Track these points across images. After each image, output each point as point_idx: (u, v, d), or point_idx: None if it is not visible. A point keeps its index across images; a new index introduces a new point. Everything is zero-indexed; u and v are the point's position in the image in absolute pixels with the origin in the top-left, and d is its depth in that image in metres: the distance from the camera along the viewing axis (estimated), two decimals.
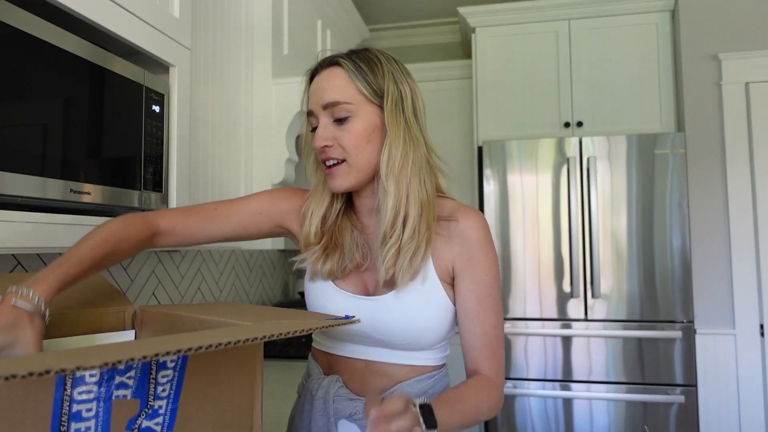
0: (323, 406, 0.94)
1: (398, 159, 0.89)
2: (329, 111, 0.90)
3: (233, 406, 0.68)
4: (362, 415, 0.91)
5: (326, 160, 0.91)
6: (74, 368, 0.38)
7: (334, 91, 0.90)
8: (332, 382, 0.95)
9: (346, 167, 0.90)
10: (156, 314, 0.83)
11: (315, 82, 0.94)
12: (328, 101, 0.90)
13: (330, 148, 0.90)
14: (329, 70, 0.93)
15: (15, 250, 0.92)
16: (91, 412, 0.54)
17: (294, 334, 0.60)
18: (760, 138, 2.43)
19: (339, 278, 0.96)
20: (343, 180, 0.90)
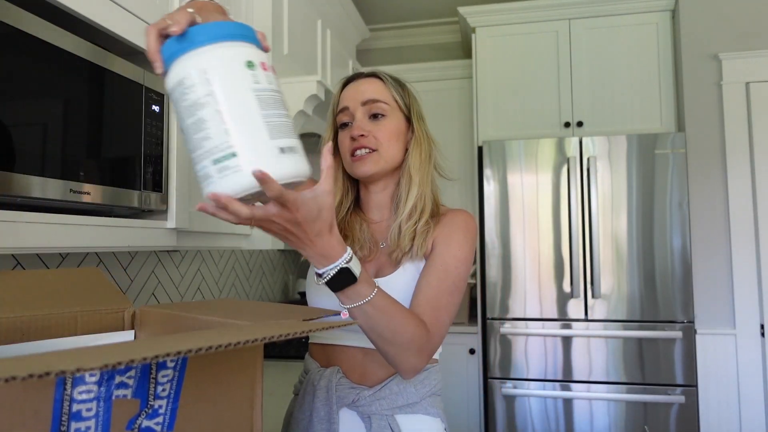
0: (326, 396, 0.97)
1: (423, 158, 1.04)
2: (367, 107, 1.03)
3: (233, 406, 0.69)
4: (364, 402, 0.97)
5: (358, 149, 1.01)
6: (74, 370, 0.38)
7: (374, 92, 1.04)
8: (333, 373, 0.99)
9: (376, 156, 1.01)
10: (155, 314, 0.83)
11: (352, 86, 1.06)
12: (369, 98, 1.03)
13: (365, 138, 1.00)
14: (368, 79, 1.07)
15: (15, 250, 0.92)
16: (91, 412, 0.54)
17: (295, 335, 0.60)
18: (760, 138, 2.43)
19: None
20: (372, 166, 1.01)
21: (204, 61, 0.63)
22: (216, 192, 0.63)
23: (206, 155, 0.63)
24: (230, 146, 0.62)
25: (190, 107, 0.64)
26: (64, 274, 0.85)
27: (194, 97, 0.63)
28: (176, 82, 0.65)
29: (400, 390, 0.98)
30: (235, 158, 0.62)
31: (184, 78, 0.64)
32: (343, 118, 1.04)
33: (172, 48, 0.65)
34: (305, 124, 2.03)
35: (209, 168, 0.63)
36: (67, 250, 1.02)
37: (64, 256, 1.42)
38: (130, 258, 1.69)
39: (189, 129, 0.65)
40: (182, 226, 1.35)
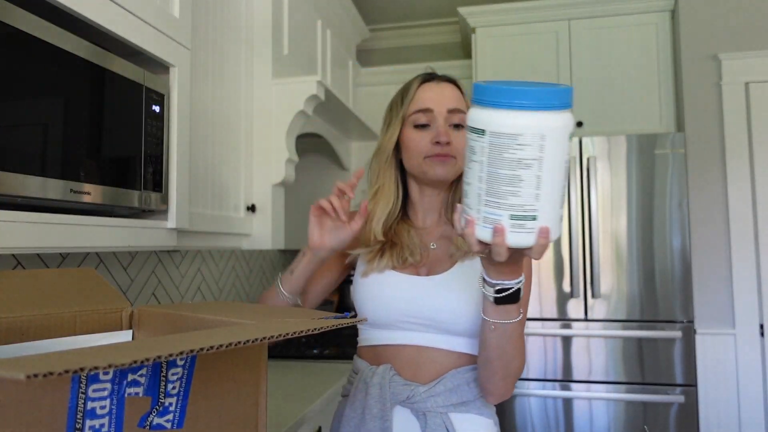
0: (379, 393, 0.97)
1: None
2: (450, 115, 1.03)
3: (239, 403, 0.69)
4: (418, 398, 0.96)
5: (444, 155, 1.01)
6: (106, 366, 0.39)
7: (458, 101, 1.05)
8: (386, 370, 0.99)
9: (453, 163, 1.03)
10: (154, 314, 0.83)
11: (434, 88, 1.06)
12: (454, 107, 1.04)
13: (450, 146, 1.02)
14: (448, 84, 1.07)
15: (15, 250, 0.92)
16: (105, 410, 0.55)
17: (305, 332, 0.61)
18: (760, 138, 2.43)
19: (395, 268, 1.03)
20: (449, 171, 1.02)
21: (545, 128, 0.65)
22: (510, 243, 0.68)
23: (506, 207, 0.67)
24: (534, 210, 0.67)
25: (512, 162, 0.66)
26: (61, 274, 0.85)
27: (522, 156, 0.66)
28: (508, 134, 0.66)
29: (454, 387, 0.97)
30: (534, 222, 0.67)
31: (519, 135, 0.65)
32: (422, 118, 1.04)
33: (518, 97, 0.65)
34: (305, 124, 2.04)
35: (503, 219, 0.68)
36: (67, 250, 1.02)
37: (64, 256, 1.42)
38: (130, 258, 1.69)
39: (498, 177, 0.67)
40: (182, 226, 1.35)
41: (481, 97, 0.68)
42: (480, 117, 0.67)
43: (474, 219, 0.70)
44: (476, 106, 0.69)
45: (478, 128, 0.67)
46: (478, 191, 0.69)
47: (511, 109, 0.65)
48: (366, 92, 3.08)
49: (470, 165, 0.70)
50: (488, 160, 0.67)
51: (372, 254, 1.04)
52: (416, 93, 1.06)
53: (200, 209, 1.54)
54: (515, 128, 0.65)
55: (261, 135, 1.87)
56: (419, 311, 0.99)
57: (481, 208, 0.69)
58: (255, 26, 1.88)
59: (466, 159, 0.71)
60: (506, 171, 0.66)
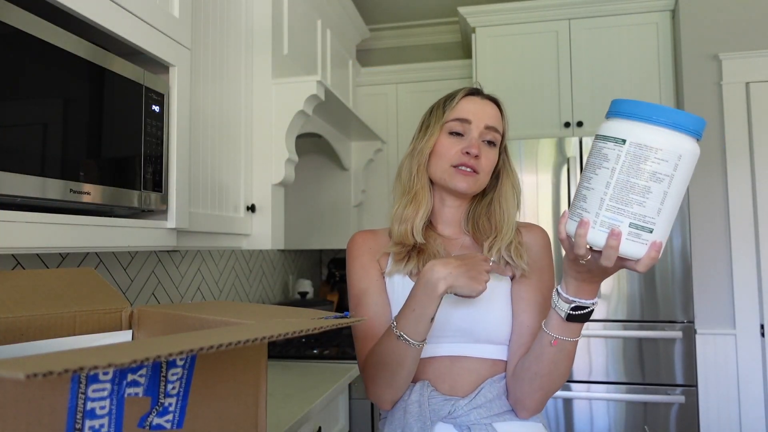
0: (418, 410, 0.96)
1: (515, 192, 1.10)
2: (486, 131, 1.05)
3: (239, 403, 0.69)
4: (460, 412, 0.95)
5: (469, 167, 1.03)
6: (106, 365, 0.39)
7: (496, 119, 1.07)
8: (424, 386, 0.98)
9: (476, 178, 1.04)
10: (154, 314, 0.83)
11: (478, 101, 1.08)
12: (492, 125, 1.06)
13: (478, 160, 1.03)
14: (492, 103, 1.10)
15: (15, 250, 0.92)
16: (104, 410, 0.55)
17: (305, 332, 0.61)
18: (760, 138, 2.43)
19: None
20: (471, 185, 1.04)
21: (684, 149, 0.70)
22: (622, 250, 0.71)
23: (628, 215, 0.71)
24: (653, 223, 0.71)
25: (646, 173, 0.70)
26: (60, 274, 0.85)
27: (657, 169, 0.70)
28: (649, 146, 0.70)
29: (494, 396, 0.97)
30: (650, 234, 0.71)
31: (660, 150, 0.70)
32: (458, 127, 1.06)
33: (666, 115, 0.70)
34: (305, 124, 2.04)
35: (622, 224, 0.71)
36: (67, 250, 1.02)
37: (64, 256, 1.42)
38: (130, 258, 1.69)
39: (628, 184, 0.71)
40: (182, 226, 1.35)
41: (624, 109, 0.72)
42: (621, 127, 0.72)
43: (589, 221, 0.72)
44: (616, 118, 0.73)
45: (617, 137, 0.71)
46: (601, 195, 0.72)
47: (657, 125, 0.70)
48: (366, 92, 3.08)
49: (597, 171, 0.73)
50: (621, 167, 0.71)
51: (401, 255, 1.04)
52: (459, 103, 1.08)
53: (200, 209, 1.54)
54: (657, 143, 0.70)
55: (261, 135, 1.87)
56: (451, 323, 0.98)
57: (601, 212, 0.72)
58: (255, 26, 1.88)
59: (591, 165, 0.74)
60: (638, 181, 0.70)
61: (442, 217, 1.10)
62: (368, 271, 1.06)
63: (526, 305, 1.01)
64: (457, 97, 1.08)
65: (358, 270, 1.07)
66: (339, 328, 0.65)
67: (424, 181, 1.08)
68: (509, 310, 1.01)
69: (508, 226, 1.05)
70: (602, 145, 0.73)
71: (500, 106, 1.11)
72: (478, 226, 1.08)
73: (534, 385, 0.93)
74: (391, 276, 1.05)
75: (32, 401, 0.50)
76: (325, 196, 2.82)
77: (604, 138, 0.73)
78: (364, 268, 1.07)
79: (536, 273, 1.04)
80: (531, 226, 1.11)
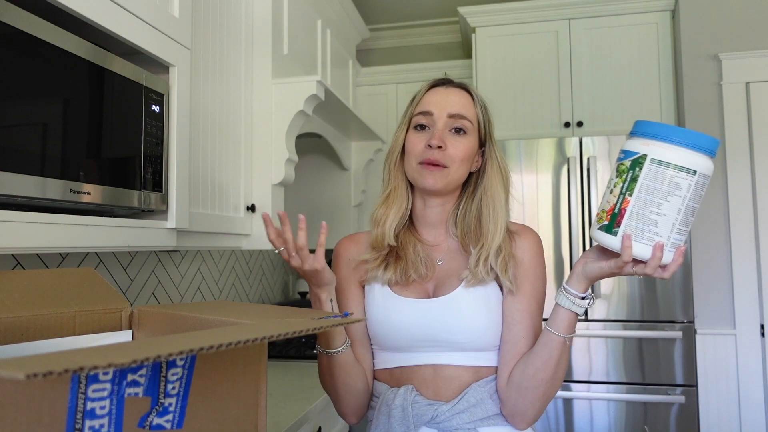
0: (402, 415, 0.95)
1: (504, 187, 1.03)
2: (452, 120, 1.00)
3: (239, 403, 0.69)
4: (443, 417, 0.94)
5: (432, 161, 0.98)
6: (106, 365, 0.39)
7: (462, 106, 1.02)
8: (408, 391, 0.97)
9: (445, 172, 0.99)
10: (154, 314, 0.83)
11: (441, 92, 1.04)
12: (456, 112, 1.01)
13: (442, 151, 0.98)
14: (458, 90, 1.05)
15: (15, 250, 0.92)
16: (104, 410, 0.55)
17: (305, 332, 0.61)
18: (760, 138, 2.43)
19: (398, 285, 1.00)
20: (438, 181, 0.99)
21: (699, 165, 0.80)
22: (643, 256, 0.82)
23: (686, 234, 0.83)
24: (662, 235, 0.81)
25: (701, 198, 0.82)
26: (60, 274, 0.85)
27: (704, 193, 0.82)
28: (707, 175, 0.81)
29: (477, 402, 0.95)
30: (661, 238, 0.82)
31: (710, 176, 0.82)
32: (422, 120, 1.02)
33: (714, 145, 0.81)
34: (305, 124, 2.04)
35: (682, 243, 0.83)
36: (67, 250, 1.02)
37: (64, 256, 1.42)
38: (130, 258, 1.69)
39: (691, 210, 0.81)
40: (182, 226, 1.35)
41: (688, 142, 0.80)
42: (694, 160, 0.80)
43: (664, 244, 0.81)
44: (684, 148, 0.80)
45: (690, 168, 0.79)
46: (673, 221, 0.81)
47: (710, 156, 0.81)
48: (366, 92, 3.08)
49: (668, 198, 0.80)
50: (690, 195, 0.80)
51: (378, 261, 1.01)
52: (423, 96, 1.04)
53: (200, 209, 1.54)
54: (710, 171, 0.81)
55: (261, 135, 1.87)
56: (434, 334, 0.97)
57: (672, 235, 0.81)
58: (255, 26, 1.88)
59: (658, 191, 0.80)
60: (696, 205, 0.82)
61: (424, 219, 1.05)
62: (345, 288, 1.05)
63: (520, 316, 0.98)
64: (421, 90, 1.05)
65: (340, 284, 1.05)
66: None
67: (398, 180, 1.04)
68: (494, 318, 0.98)
69: (497, 228, 0.99)
70: (673, 173, 0.79)
71: (471, 92, 1.05)
72: (466, 228, 1.03)
73: (538, 392, 0.93)
74: (370, 284, 1.03)
75: (32, 401, 0.50)
76: (325, 196, 2.81)
77: (676, 167, 0.79)
78: (341, 285, 1.05)
79: (530, 281, 1.00)
80: (524, 230, 1.04)
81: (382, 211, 1.03)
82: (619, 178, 0.84)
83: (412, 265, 1.00)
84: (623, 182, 0.82)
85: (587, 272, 0.88)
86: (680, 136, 0.79)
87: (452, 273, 1.01)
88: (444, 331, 0.96)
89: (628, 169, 0.82)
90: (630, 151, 0.83)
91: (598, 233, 0.86)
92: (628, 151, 0.83)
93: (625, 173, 0.82)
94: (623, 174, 0.83)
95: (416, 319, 0.97)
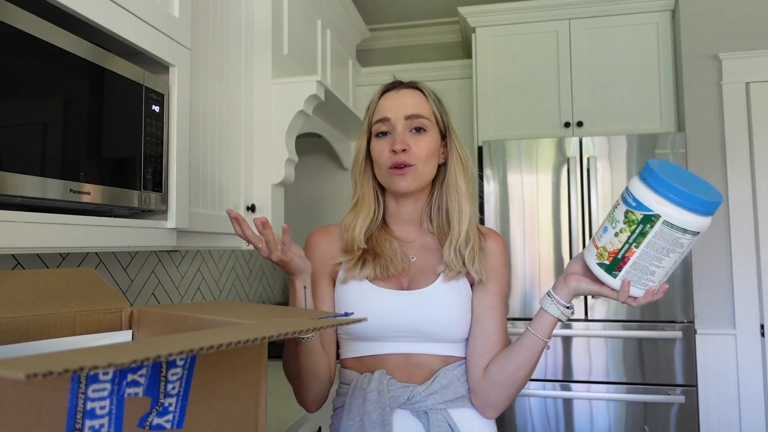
0: (377, 398, 0.97)
1: (469, 178, 1.07)
2: (409, 121, 1.03)
3: (239, 404, 0.69)
4: (419, 398, 0.98)
5: (399, 164, 1.01)
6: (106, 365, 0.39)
7: (417, 106, 1.05)
8: (382, 374, 1.00)
9: (414, 171, 1.02)
10: (154, 314, 0.83)
11: (393, 96, 1.06)
12: (412, 113, 1.03)
13: (407, 153, 1.01)
14: (409, 90, 1.07)
15: (15, 250, 0.92)
16: (104, 410, 0.55)
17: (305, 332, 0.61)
18: (760, 138, 2.43)
19: (377, 279, 1.03)
20: (410, 182, 1.02)
21: (704, 227, 0.83)
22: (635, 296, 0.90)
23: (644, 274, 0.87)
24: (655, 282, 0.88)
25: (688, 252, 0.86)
26: (60, 274, 0.85)
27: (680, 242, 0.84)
28: (702, 234, 0.84)
29: (448, 383, 0.99)
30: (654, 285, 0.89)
31: (702, 234, 0.84)
32: (382, 127, 1.05)
33: (714, 207, 0.82)
34: (305, 124, 2.03)
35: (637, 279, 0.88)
36: (67, 250, 1.02)
37: (64, 256, 1.42)
38: (130, 258, 1.69)
39: (681, 261, 0.87)
40: (182, 226, 1.35)
41: (700, 206, 0.81)
42: (701, 224, 0.83)
43: (655, 289, 0.89)
44: (700, 215, 0.82)
45: (696, 231, 0.83)
46: (668, 271, 0.87)
47: (708, 216, 0.83)
48: (366, 92, 3.08)
49: (669, 254, 0.85)
50: (688, 250, 0.86)
51: (353, 262, 1.04)
52: (378, 103, 1.07)
53: (200, 209, 1.54)
54: (705, 229, 0.84)
55: (261, 135, 1.87)
56: (407, 325, 1.00)
57: (663, 280, 0.89)
58: (255, 26, 1.88)
59: (661, 248, 0.84)
60: (683, 257, 0.87)
61: (398, 217, 1.09)
62: (318, 278, 1.07)
63: (491, 313, 1.03)
64: (374, 98, 1.08)
65: None
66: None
67: (365, 188, 1.08)
68: (464, 310, 1.02)
69: (462, 216, 1.03)
70: (679, 235, 0.83)
71: (421, 89, 1.08)
72: (439, 223, 1.07)
73: (513, 388, 0.99)
74: (345, 283, 1.05)
75: (32, 401, 0.50)
76: (325, 196, 2.82)
77: (684, 231, 0.83)
78: (312, 276, 1.07)
79: (498, 280, 1.05)
80: (490, 233, 1.09)
81: (351, 218, 1.08)
82: (627, 225, 0.85)
83: (390, 261, 1.04)
84: (631, 232, 0.85)
85: (578, 289, 0.94)
86: (696, 204, 0.81)
87: (426, 269, 1.05)
88: (419, 323, 1.00)
89: (639, 222, 0.84)
90: (643, 204, 0.83)
91: (598, 269, 0.90)
92: (641, 204, 0.84)
93: (634, 225, 0.84)
94: (632, 225, 0.84)
95: (392, 309, 1.00)
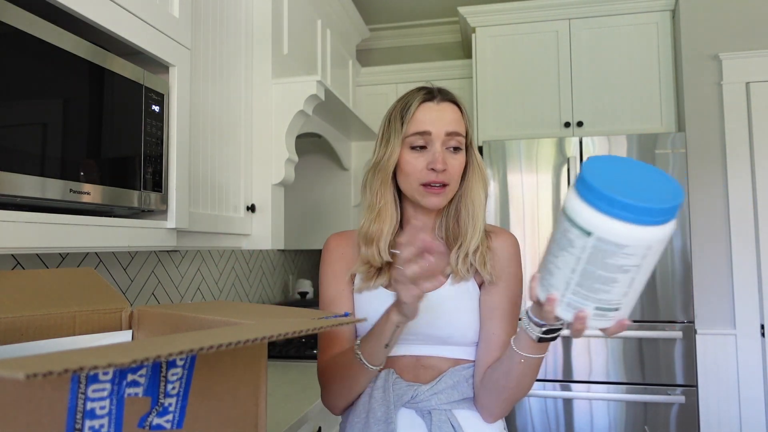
0: (382, 395, 0.98)
1: (484, 193, 1.05)
2: (448, 138, 1.00)
3: (238, 403, 0.69)
4: (423, 397, 0.98)
5: (437, 183, 0.99)
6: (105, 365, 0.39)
7: (456, 123, 1.02)
8: (389, 374, 1.00)
9: (448, 190, 1.01)
10: (154, 314, 0.83)
11: (434, 108, 1.02)
12: (453, 130, 1.01)
13: (446, 174, 0.99)
14: (449, 105, 1.04)
15: (15, 250, 0.92)
16: (104, 410, 0.55)
17: (305, 332, 0.61)
18: (760, 138, 2.43)
19: (389, 285, 1.03)
20: (443, 200, 1.01)
21: (654, 241, 0.66)
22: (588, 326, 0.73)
23: (593, 300, 0.70)
24: (619, 304, 0.71)
25: (613, 267, 0.67)
26: (60, 274, 0.85)
27: (624, 263, 0.66)
28: (616, 243, 0.65)
29: (454, 384, 0.99)
30: (616, 312, 0.72)
31: (628, 246, 0.65)
32: (419, 140, 1.00)
33: (633, 211, 0.64)
34: (305, 124, 2.03)
35: (588, 308, 0.71)
36: (67, 250, 1.02)
37: (64, 256, 1.42)
38: (130, 258, 1.69)
39: (593, 275, 0.68)
40: (182, 226, 1.35)
41: (592, 197, 0.66)
42: (588, 218, 0.66)
43: (557, 299, 0.72)
44: (585, 203, 0.66)
45: (583, 228, 0.66)
46: (567, 279, 0.70)
47: (624, 221, 0.64)
48: (366, 92, 3.08)
49: (562, 253, 0.70)
50: (588, 258, 0.67)
51: (372, 272, 1.04)
52: (416, 113, 1.01)
53: (200, 209, 1.54)
54: (625, 240, 0.65)
55: (261, 135, 1.87)
56: (417, 328, 0.99)
57: (567, 294, 0.71)
58: (255, 26, 1.88)
59: (556, 241, 0.71)
60: (604, 273, 0.68)
61: (413, 225, 1.08)
62: (338, 279, 1.07)
63: (493, 313, 1.01)
64: (412, 106, 1.02)
65: (329, 277, 1.08)
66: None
67: (388, 197, 1.04)
68: (474, 314, 1.01)
69: (475, 229, 1.02)
70: (568, 226, 0.68)
71: (459, 105, 1.05)
72: (450, 230, 1.06)
73: (501, 396, 0.97)
74: (360, 292, 1.05)
75: (32, 401, 0.50)
76: (325, 196, 2.82)
77: (570, 220, 0.68)
78: (335, 276, 1.08)
79: (504, 281, 1.03)
80: (500, 232, 1.07)
81: (376, 229, 1.03)
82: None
83: None
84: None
85: None
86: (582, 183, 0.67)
87: (435, 273, 1.04)
88: (429, 326, 0.99)
89: None
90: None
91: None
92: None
93: None
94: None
95: None
